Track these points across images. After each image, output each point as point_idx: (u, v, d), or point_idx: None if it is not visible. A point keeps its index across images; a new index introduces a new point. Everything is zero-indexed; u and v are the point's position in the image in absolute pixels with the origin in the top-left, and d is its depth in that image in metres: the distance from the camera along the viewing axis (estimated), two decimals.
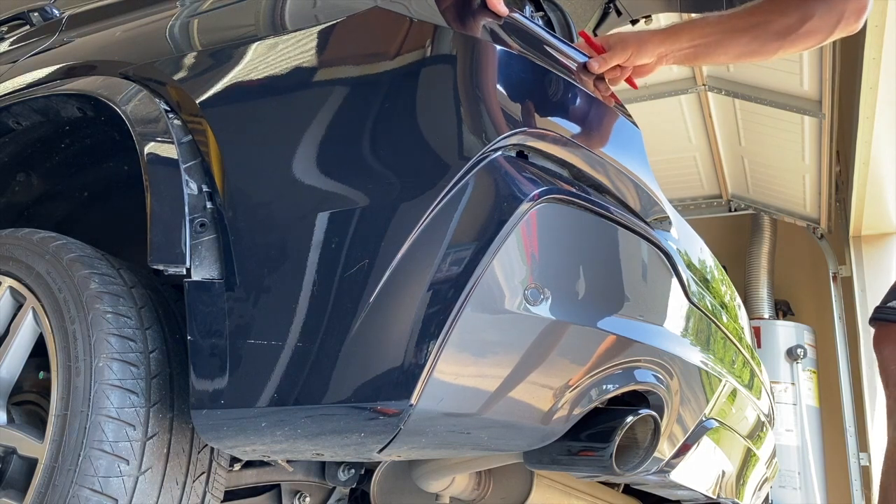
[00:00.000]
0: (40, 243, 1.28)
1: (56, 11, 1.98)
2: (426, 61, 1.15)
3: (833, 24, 1.42)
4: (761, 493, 2.23)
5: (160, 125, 1.23)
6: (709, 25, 1.47)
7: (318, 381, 1.02)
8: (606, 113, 1.35)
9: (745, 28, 1.45)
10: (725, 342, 1.67)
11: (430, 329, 1.00)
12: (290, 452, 1.17)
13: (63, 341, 1.16)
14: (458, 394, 1.03)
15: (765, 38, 1.45)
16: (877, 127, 3.89)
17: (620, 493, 2.02)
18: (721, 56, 1.50)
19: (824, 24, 1.42)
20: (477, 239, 1.03)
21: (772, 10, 1.43)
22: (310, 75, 1.21)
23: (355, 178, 1.10)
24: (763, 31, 1.44)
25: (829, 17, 1.41)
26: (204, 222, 1.14)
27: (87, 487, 1.06)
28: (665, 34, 1.48)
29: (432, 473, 1.61)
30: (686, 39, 1.46)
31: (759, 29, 1.44)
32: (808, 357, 5.33)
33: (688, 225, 1.64)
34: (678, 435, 1.43)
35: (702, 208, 5.93)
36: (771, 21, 1.43)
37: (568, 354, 1.12)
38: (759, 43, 1.45)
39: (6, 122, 1.56)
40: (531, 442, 1.18)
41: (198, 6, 1.48)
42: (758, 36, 1.45)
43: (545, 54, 1.28)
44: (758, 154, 5.19)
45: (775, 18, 1.43)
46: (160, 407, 1.13)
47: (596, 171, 1.24)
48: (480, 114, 1.10)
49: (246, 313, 1.08)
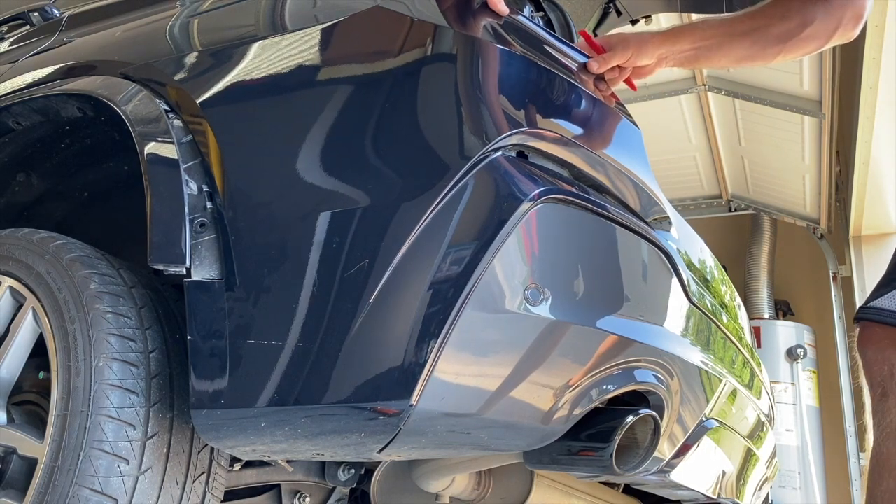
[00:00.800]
0: (40, 243, 1.28)
1: (56, 11, 1.98)
2: (427, 61, 1.15)
3: (832, 29, 1.42)
4: (761, 493, 2.23)
5: (160, 125, 1.23)
6: (710, 28, 1.47)
7: (318, 381, 1.02)
8: (607, 113, 1.35)
9: (745, 32, 1.45)
10: (725, 342, 1.67)
11: (430, 329, 1.00)
12: (290, 452, 1.17)
13: (63, 341, 1.16)
14: (459, 394, 1.03)
15: (765, 42, 1.45)
16: (877, 127, 3.89)
17: (620, 493, 2.02)
18: (722, 59, 1.50)
19: (824, 30, 1.42)
20: (477, 239, 1.03)
21: (773, 14, 1.43)
22: (310, 75, 1.21)
23: (355, 177, 1.10)
24: (763, 35, 1.44)
25: (828, 22, 1.41)
26: (204, 222, 1.14)
27: (87, 487, 1.06)
28: (666, 36, 1.48)
29: (432, 473, 1.61)
30: (687, 42, 1.47)
31: (760, 33, 1.44)
32: (808, 357, 5.33)
33: (688, 225, 1.64)
34: (678, 435, 1.43)
35: (702, 208, 5.93)
36: (771, 25, 1.44)
37: (568, 354, 1.12)
38: (760, 47, 1.46)
39: (6, 122, 1.56)
40: (531, 442, 1.18)
41: (198, 6, 1.48)
42: (758, 40, 1.45)
43: (545, 54, 1.28)
44: (758, 154, 5.19)
45: (776, 23, 1.43)
46: (160, 407, 1.13)
47: (596, 170, 1.24)
48: (481, 113, 1.10)
49: (246, 313, 1.08)
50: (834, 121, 4.39)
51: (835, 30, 1.42)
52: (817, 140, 4.62)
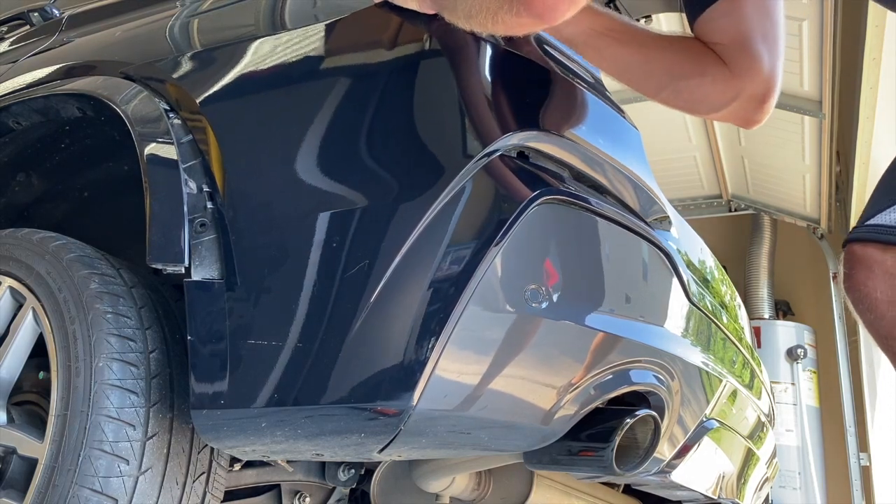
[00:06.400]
0: (40, 243, 1.28)
1: (56, 11, 1.98)
2: (427, 61, 1.15)
3: (728, 99, 1.29)
4: (761, 493, 2.23)
5: (160, 125, 1.23)
6: (615, 21, 1.34)
7: (318, 382, 1.02)
8: (606, 114, 1.35)
9: (644, 43, 1.33)
10: (725, 342, 1.67)
11: (431, 329, 1.00)
12: (290, 453, 1.17)
13: (63, 341, 1.16)
14: (459, 394, 1.03)
15: (656, 66, 1.32)
16: (877, 127, 3.89)
17: (620, 493, 2.02)
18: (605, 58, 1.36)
19: (717, 93, 1.29)
20: (478, 239, 1.03)
21: (673, 46, 1.32)
22: (310, 74, 1.21)
23: (356, 177, 1.10)
24: (658, 57, 1.32)
25: (723, 87, 1.28)
26: (204, 222, 1.14)
27: (87, 487, 1.06)
28: None
29: (432, 473, 1.61)
30: (586, 22, 1.32)
31: (654, 53, 1.32)
32: (808, 357, 5.32)
33: (688, 225, 1.64)
34: (679, 435, 1.43)
35: (702, 208, 5.92)
36: (666, 54, 1.32)
37: (568, 355, 1.12)
38: (648, 69, 1.33)
39: (6, 122, 1.56)
40: (532, 442, 1.18)
41: (198, 6, 1.48)
42: (652, 60, 1.32)
43: (545, 55, 1.28)
44: (758, 154, 5.19)
45: (671, 56, 1.32)
46: (160, 407, 1.13)
47: (596, 171, 1.24)
48: (481, 114, 1.10)
49: (246, 313, 1.08)
50: (834, 121, 4.39)
51: (731, 99, 1.29)
52: (817, 140, 4.62)
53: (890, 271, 1.23)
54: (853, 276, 1.26)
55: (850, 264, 1.26)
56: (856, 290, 1.26)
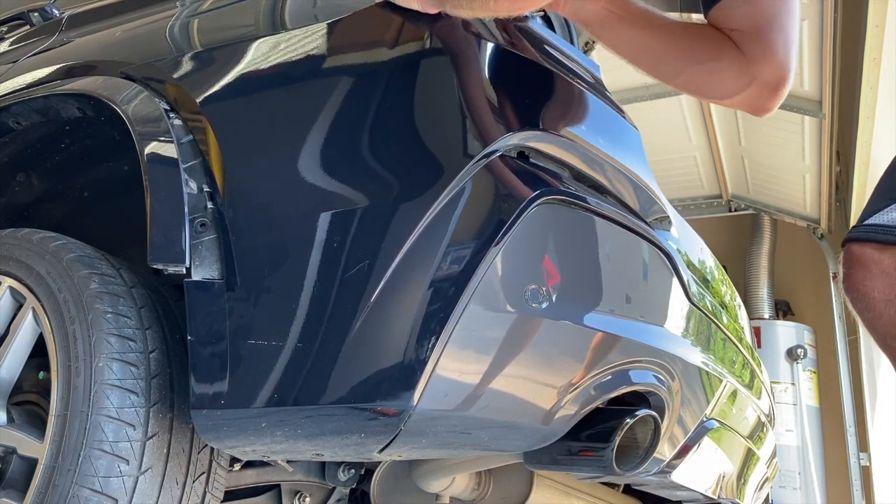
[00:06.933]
0: (40, 243, 1.28)
1: (56, 11, 1.98)
2: (427, 61, 1.15)
3: (742, 84, 1.28)
4: (761, 493, 2.23)
5: (160, 125, 1.23)
6: (633, 6, 1.32)
7: (318, 382, 1.02)
8: (606, 114, 1.35)
9: (659, 27, 1.32)
10: (726, 342, 1.67)
11: (431, 330, 1.00)
12: (290, 453, 1.17)
13: (63, 341, 1.16)
14: (459, 394, 1.03)
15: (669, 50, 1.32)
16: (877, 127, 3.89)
17: (620, 493, 2.02)
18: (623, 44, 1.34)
19: (731, 78, 1.28)
20: (477, 239, 1.03)
21: (689, 32, 1.32)
22: (311, 75, 1.21)
23: (356, 177, 1.10)
24: (674, 42, 1.31)
25: (738, 72, 1.27)
26: (204, 222, 1.14)
27: (87, 487, 1.06)
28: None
29: (432, 473, 1.61)
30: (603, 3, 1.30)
31: (670, 38, 1.32)
32: (808, 357, 5.32)
33: (688, 225, 1.64)
34: (679, 435, 1.43)
35: (702, 208, 5.92)
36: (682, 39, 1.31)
37: (569, 355, 1.12)
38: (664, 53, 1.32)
39: (6, 122, 1.56)
40: (532, 442, 1.18)
41: (198, 6, 1.48)
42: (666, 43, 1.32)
43: (545, 54, 1.28)
44: (758, 154, 5.19)
45: (687, 41, 1.31)
46: (160, 407, 1.13)
47: (596, 171, 1.24)
48: (481, 114, 1.10)
49: (246, 313, 1.08)
50: (834, 121, 4.39)
51: (746, 85, 1.28)
52: (817, 140, 4.61)
53: (887, 271, 1.24)
54: (851, 275, 1.27)
55: (849, 264, 1.27)
56: (854, 290, 1.27)
